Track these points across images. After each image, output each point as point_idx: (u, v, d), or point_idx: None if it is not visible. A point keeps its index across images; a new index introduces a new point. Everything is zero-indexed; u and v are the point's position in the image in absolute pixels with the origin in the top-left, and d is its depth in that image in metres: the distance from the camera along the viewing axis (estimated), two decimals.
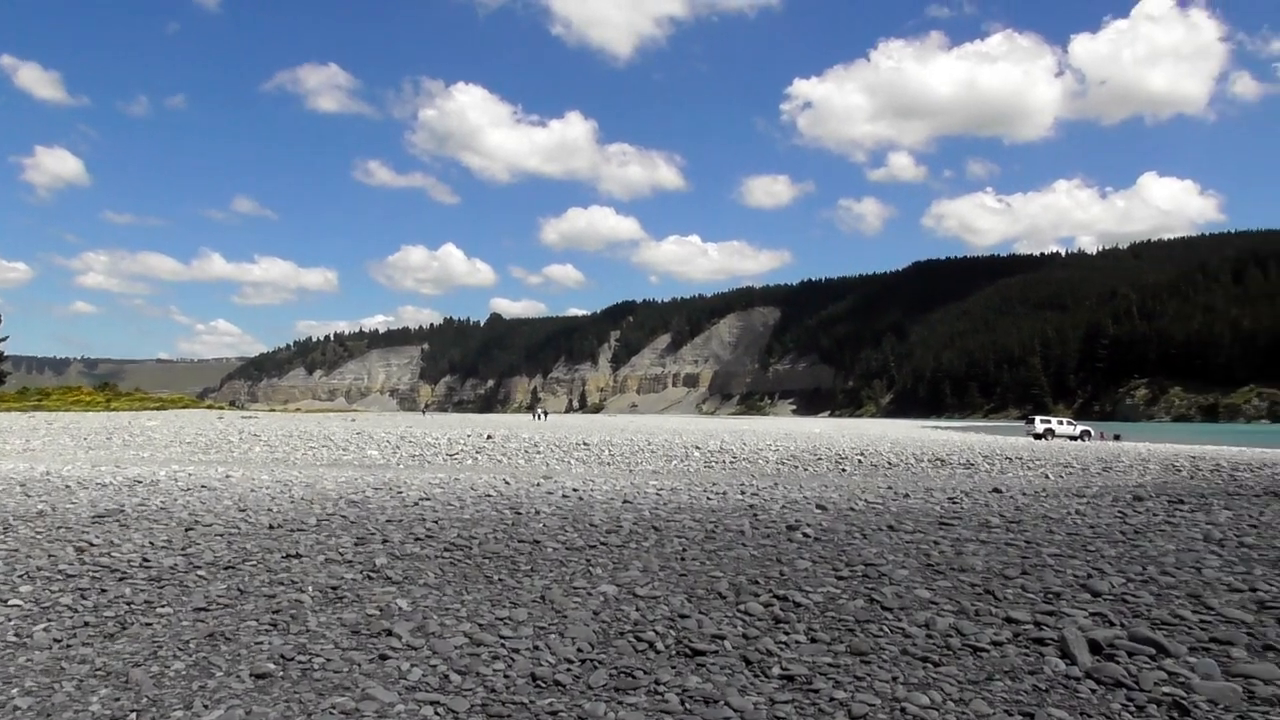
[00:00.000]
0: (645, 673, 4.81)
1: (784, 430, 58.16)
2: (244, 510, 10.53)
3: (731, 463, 23.99)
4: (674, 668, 4.91)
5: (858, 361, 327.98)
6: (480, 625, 5.60)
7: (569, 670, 4.84)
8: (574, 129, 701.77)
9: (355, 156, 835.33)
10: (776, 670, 4.86)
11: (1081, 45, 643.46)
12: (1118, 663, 4.92)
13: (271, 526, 9.28)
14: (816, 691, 4.55)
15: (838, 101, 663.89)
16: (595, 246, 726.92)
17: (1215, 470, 23.36)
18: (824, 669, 4.88)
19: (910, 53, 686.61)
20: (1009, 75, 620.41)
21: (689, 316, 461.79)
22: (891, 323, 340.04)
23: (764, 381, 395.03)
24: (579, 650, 5.14)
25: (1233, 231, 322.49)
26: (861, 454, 27.41)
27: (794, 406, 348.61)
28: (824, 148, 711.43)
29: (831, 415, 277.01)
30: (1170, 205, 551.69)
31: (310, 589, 6.49)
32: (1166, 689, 4.56)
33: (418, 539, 8.57)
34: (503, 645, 5.22)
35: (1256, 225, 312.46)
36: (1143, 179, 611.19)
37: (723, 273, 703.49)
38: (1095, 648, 5.13)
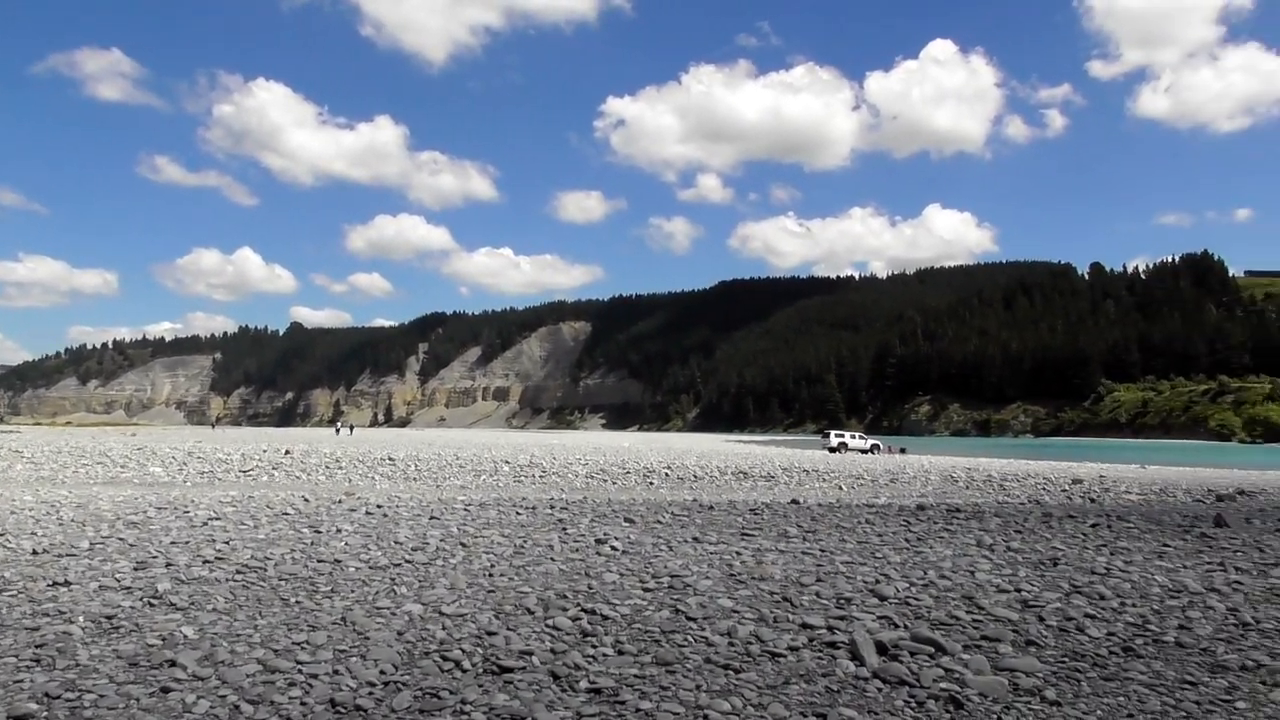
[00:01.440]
0: (451, 692, 4.71)
1: (594, 444, 58.62)
2: (2, 534, 9.56)
3: (541, 477, 23.95)
4: (481, 686, 4.84)
5: (666, 377, 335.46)
6: (275, 651, 5.32)
7: (371, 694, 4.68)
8: (383, 134, 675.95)
9: (141, 150, 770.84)
10: (584, 684, 4.88)
11: (876, 82, 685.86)
12: (901, 662, 5.26)
13: (35, 552, 8.46)
14: (623, 703, 4.60)
15: (650, 121, 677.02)
16: (404, 255, 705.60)
17: (987, 481, 25.40)
18: (630, 680, 4.94)
19: (720, 78, 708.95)
20: (810, 106, 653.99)
21: (500, 330, 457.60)
22: (699, 340, 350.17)
23: (574, 396, 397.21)
24: (382, 673, 4.98)
25: (1005, 262, 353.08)
26: (669, 468, 28.00)
27: (604, 421, 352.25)
28: (636, 166, 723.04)
29: (640, 429, 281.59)
30: (952, 235, 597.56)
31: (81, 619, 5.96)
32: (944, 685, 4.90)
33: (206, 561, 8.05)
34: (299, 671, 4.97)
35: (1025, 257, 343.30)
36: (928, 210, 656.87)
37: (534, 286, 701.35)
38: (882, 649, 5.45)
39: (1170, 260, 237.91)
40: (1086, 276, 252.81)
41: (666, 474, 25.79)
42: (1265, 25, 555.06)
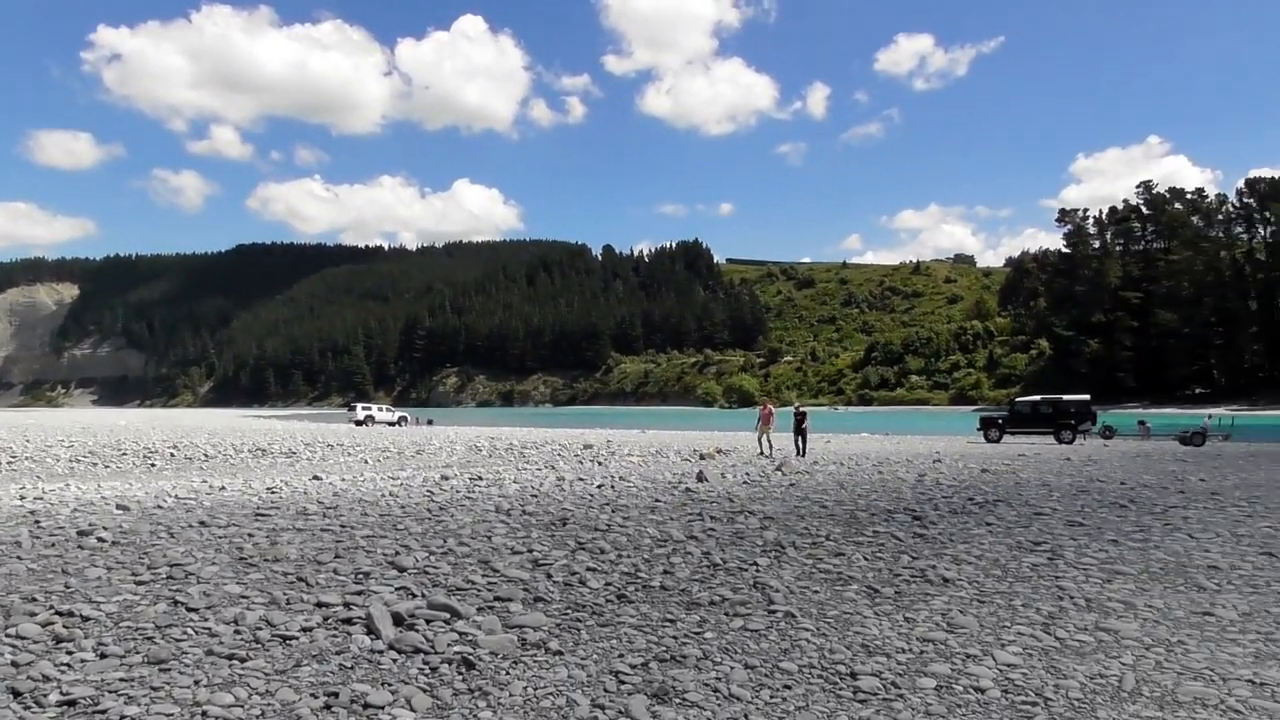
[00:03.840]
0: None
1: (81, 424, 51.47)
2: None
3: (10, 464, 20.48)
4: None
5: (174, 347, 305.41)
6: None
7: None
8: None
9: None
10: (55, 696, 4.24)
11: (408, 49, 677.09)
12: (417, 631, 5.30)
13: None
14: (104, 712, 4.09)
15: (154, 60, 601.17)
16: None
17: (509, 449, 26.67)
18: (115, 685, 4.40)
19: (238, 23, 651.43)
20: (340, 65, 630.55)
21: None
22: (214, 307, 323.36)
23: (57, 369, 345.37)
24: None
25: (529, 240, 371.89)
26: (174, 448, 25.52)
27: (95, 397, 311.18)
28: (136, 109, 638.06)
29: (142, 406, 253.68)
30: (480, 210, 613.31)
31: None
32: (458, 648, 5.03)
33: None
34: None
35: (547, 236, 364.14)
36: (458, 184, 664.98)
37: (3, 239, 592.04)
38: (399, 620, 5.45)
39: (668, 246, 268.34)
40: (600, 257, 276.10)
41: (172, 454, 23.47)
42: (748, 44, 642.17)
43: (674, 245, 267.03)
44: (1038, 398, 39.71)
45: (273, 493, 12.63)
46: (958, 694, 4.60)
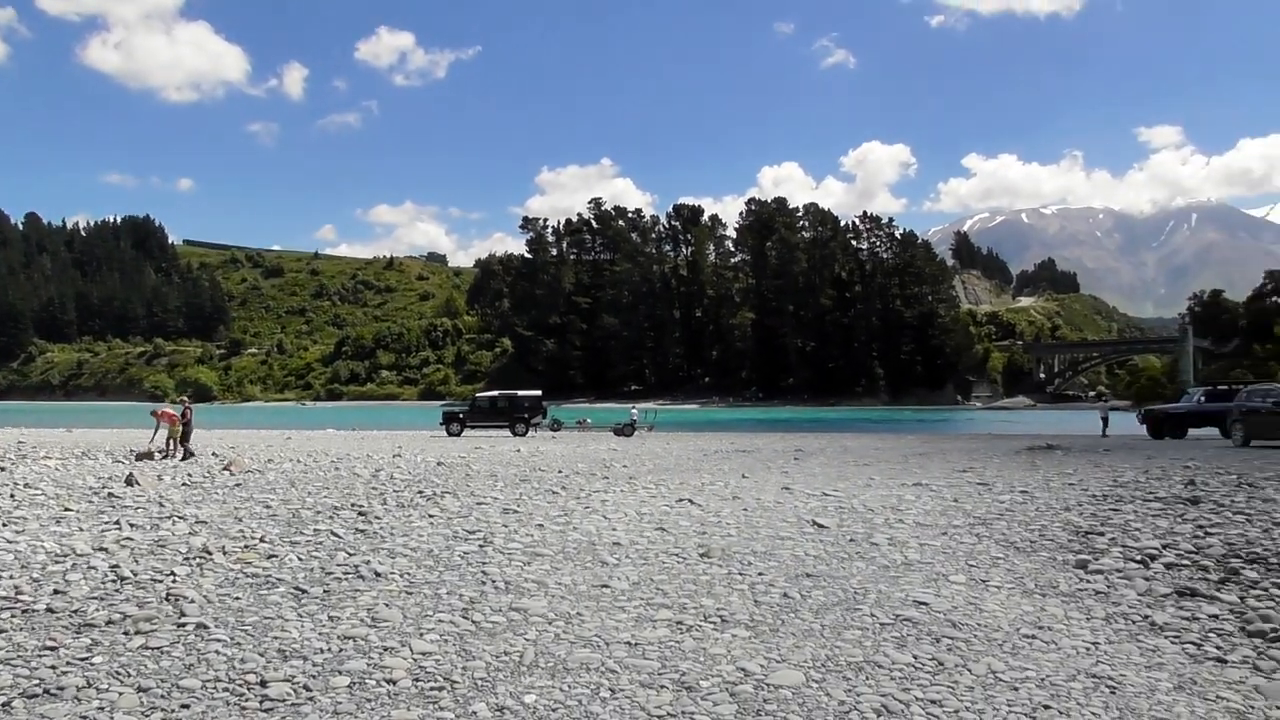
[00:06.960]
0: None
1: None
2: None
3: None
4: None
5: None
6: None
7: None
8: None
9: None
10: None
11: None
12: None
13: None
14: None
15: None
16: None
17: None
18: None
19: None
20: None
21: None
22: None
23: None
24: None
25: None
26: None
27: None
28: None
29: None
30: None
31: None
32: None
33: None
34: None
35: None
36: None
37: None
38: None
39: (113, 220, 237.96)
40: (21, 226, 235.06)
41: None
42: (218, 9, 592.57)
43: (119, 220, 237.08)
44: (496, 393, 42.21)
45: None
46: (370, 688, 4.62)
